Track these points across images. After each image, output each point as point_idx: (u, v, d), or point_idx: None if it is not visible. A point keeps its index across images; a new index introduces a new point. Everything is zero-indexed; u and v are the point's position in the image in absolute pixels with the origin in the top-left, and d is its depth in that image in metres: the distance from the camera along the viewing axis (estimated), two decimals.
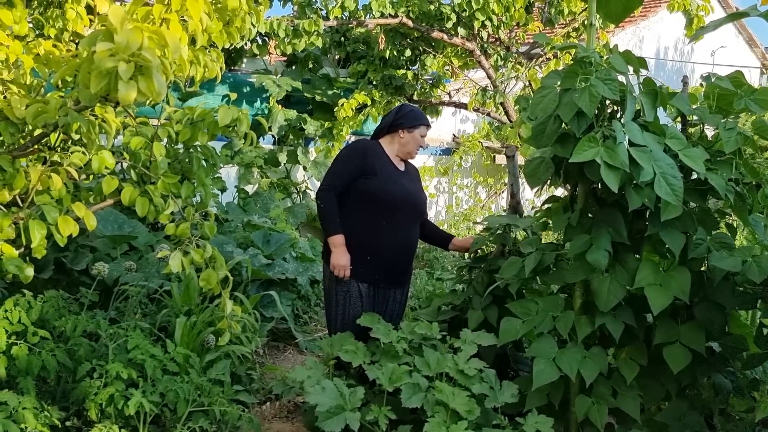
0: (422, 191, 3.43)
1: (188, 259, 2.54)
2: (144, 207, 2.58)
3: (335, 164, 3.24)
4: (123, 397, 2.36)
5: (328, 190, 3.16)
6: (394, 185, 3.19)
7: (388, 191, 3.16)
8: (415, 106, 3.30)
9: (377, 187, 3.15)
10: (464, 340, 2.86)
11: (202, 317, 3.04)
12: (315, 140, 6.91)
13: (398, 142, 3.25)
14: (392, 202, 3.17)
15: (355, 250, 3.16)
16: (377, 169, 3.17)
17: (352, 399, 2.54)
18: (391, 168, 3.23)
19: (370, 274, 3.21)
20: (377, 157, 3.20)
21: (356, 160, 3.17)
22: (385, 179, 3.17)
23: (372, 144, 3.28)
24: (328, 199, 3.15)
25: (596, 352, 2.69)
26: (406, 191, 3.24)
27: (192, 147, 2.79)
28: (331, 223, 3.14)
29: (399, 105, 3.37)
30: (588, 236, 2.59)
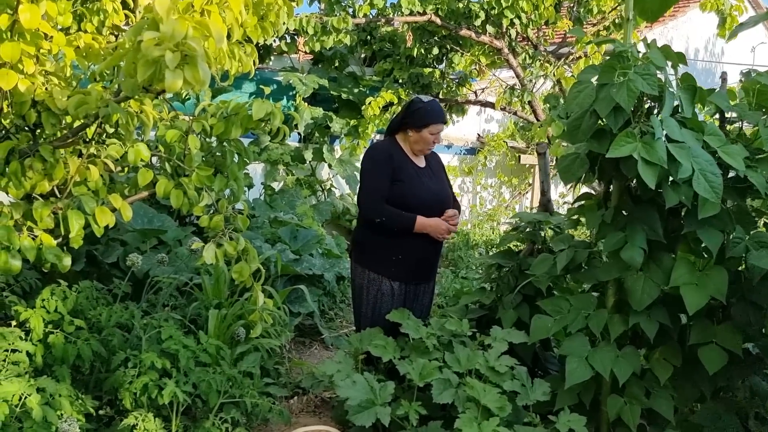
0: (446, 183, 3.37)
1: (221, 252, 2.56)
2: (178, 199, 2.61)
3: (369, 180, 3.14)
4: (156, 386, 2.38)
5: (377, 204, 3.09)
6: (418, 189, 3.15)
7: (413, 196, 3.13)
8: (427, 101, 3.15)
9: (402, 193, 3.11)
10: (494, 337, 2.84)
11: (233, 310, 3.06)
12: (340, 138, 6.92)
13: (409, 140, 3.20)
14: (418, 206, 3.14)
15: (384, 249, 3.16)
16: (401, 174, 3.13)
17: (383, 393, 2.54)
18: (412, 169, 3.18)
19: (400, 272, 3.20)
20: (397, 161, 3.15)
21: (384, 168, 3.11)
22: (409, 185, 3.13)
23: (389, 147, 3.21)
24: (385, 212, 3.09)
25: (629, 351, 2.65)
26: (430, 193, 3.20)
27: (225, 141, 2.81)
28: (402, 219, 3.10)
29: (409, 100, 3.27)
30: (623, 234, 2.55)
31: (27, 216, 2.35)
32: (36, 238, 2.31)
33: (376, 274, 3.20)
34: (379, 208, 3.09)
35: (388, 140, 3.27)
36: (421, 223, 3.10)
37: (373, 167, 3.15)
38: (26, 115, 2.20)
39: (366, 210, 3.15)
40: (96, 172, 2.43)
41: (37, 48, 2.05)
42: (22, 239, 2.24)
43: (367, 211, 3.14)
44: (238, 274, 2.61)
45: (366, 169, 3.19)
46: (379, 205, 3.09)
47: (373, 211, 3.11)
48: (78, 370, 2.80)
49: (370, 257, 3.20)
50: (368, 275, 3.21)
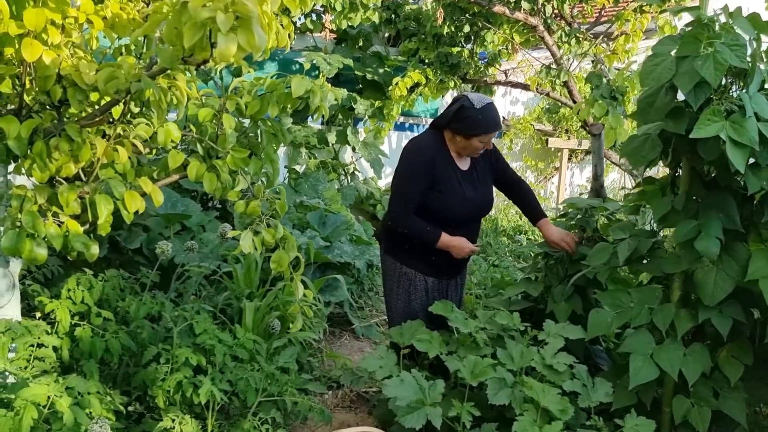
0: (488, 188, 3.07)
1: (259, 240, 2.38)
2: (212, 183, 2.43)
3: (401, 186, 2.88)
4: (191, 384, 2.22)
5: (404, 215, 2.86)
6: (457, 203, 2.89)
7: (449, 210, 2.88)
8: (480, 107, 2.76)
9: (440, 205, 2.87)
10: (548, 332, 2.65)
11: (266, 301, 2.88)
12: (364, 120, 6.71)
13: (455, 143, 2.89)
14: (452, 220, 2.91)
15: (417, 251, 2.96)
16: (441, 184, 2.86)
17: (432, 393, 2.36)
18: (454, 178, 2.89)
19: (434, 269, 3.01)
20: (441, 167, 2.86)
21: (422, 176, 2.83)
22: (448, 196, 2.86)
23: (433, 147, 2.89)
24: (408, 223, 2.86)
25: (698, 349, 2.45)
26: (469, 206, 2.94)
27: (261, 120, 2.62)
28: (428, 235, 2.87)
29: (460, 102, 2.82)
30: (695, 222, 2.34)
31: (52, 201, 2.18)
32: (62, 225, 2.14)
33: (408, 269, 3.01)
34: (404, 219, 2.86)
35: (434, 136, 2.95)
36: (445, 242, 2.87)
37: (410, 173, 2.86)
38: (51, 91, 2.02)
39: (391, 217, 2.91)
40: (124, 154, 2.25)
41: (63, 16, 1.86)
42: (48, 226, 2.07)
43: (392, 219, 2.91)
44: (277, 264, 2.43)
45: (402, 173, 2.90)
46: (406, 217, 2.86)
47: (397, 222, 2.89)
48: (105, 364, 2.64)
49: (403, 252, 3.00)
50: (400, 268, 3.02)
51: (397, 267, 3.04)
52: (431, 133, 2.97)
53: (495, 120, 2.82)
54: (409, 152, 2.90)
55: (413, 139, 3.00)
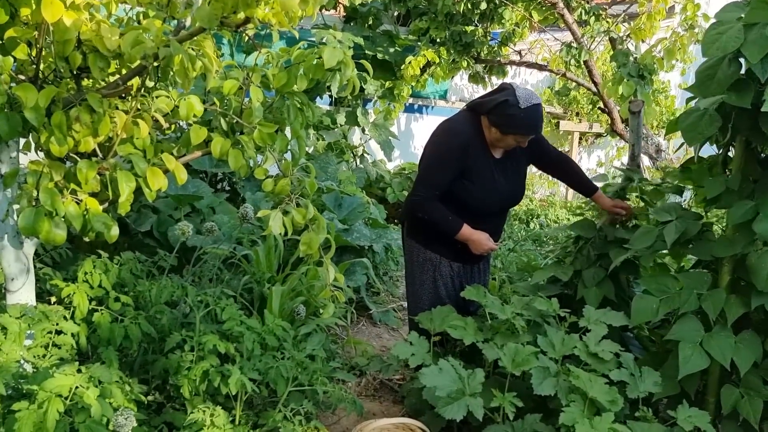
0: (521, 178, 2.91)
1: (289, 220, 2.24)
2: (237, 160, 2.28)
3: (431, 168, 2.73)
4: (219, 373, 2.09)
5: (428, 200, 2.71)
6: (487, 194, 2.74)
7: (480, 200, 2.75)
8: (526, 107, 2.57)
9: (468, 195, 2.73)
10: (589, 318, 2.53)
11: (290, 285, 2.75)
12: (374, 101, 6.54)
13: (491, 133, 2.70)
14: (479, 211, 2.78)
15: (445, 237, 2.81)
16: (473, 173, 2.70)
17: (472, 382, 2.24)
18: (487, 168, 2.73)
19: (461, 254, 2.88)
20: (475, 154, 2.70)
21: (453, 163, 2.68)
22: (479, 187, 2.72)
23: (469, 132, 2.71)
24: (431, 209, 2.72)
25: (749, 337, 2.33)
26: (499, 197, 2.80)
27: (287, 94, 2.47)
28: (449, 224, 2.73)
29: (506, 95, 2.61)
30: (752, 203, 2.21)
31: (69, 178, 2.03)
32: (80, 203, 1.99)
33: (434, 254, 2.87)
34: (426, 204, 2.71)
35: (470, 120, 2.75)
36: (465, 235, 2.73)
37: (441, 158, 2.70)
38: (70, 57, 1.86)
39: (413, 200, 2.76)
40: (145, 128, 2.11)
41: None
42: (67, 205, 1.93)
43: (413, 201, 2.76)
44: (307, 246, 2.29)
45: (433, 155, 2.74)
46: (430, 203, 2.71)
47: (418, 206, 2.74)
48: (122, 351, 2.51)
49: (428, 235, 2.87)
50: (424, 253, 2.88)
51: (421, 251, 2.90)
52: (467, 115, 2.79)
53: (537, 122, 2.65)
54: (443, 134, 2.75)
55: (448, 120, 2.82)
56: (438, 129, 2.79)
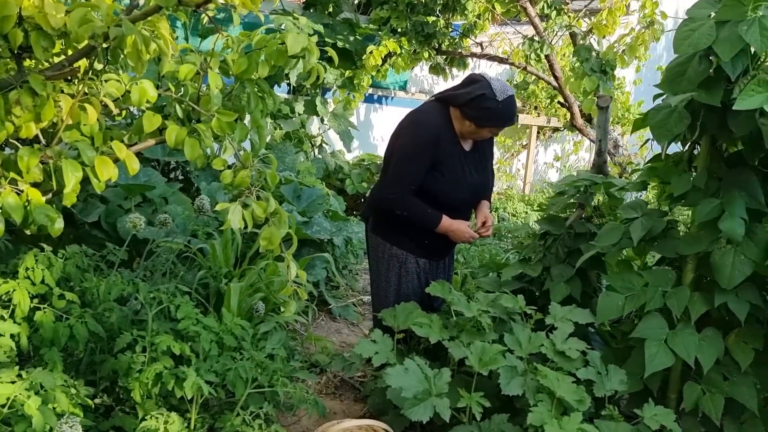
0: (488, 171, 2.88)
1: (249, 214, 2.13)
2: (194, 150, 2.16)
3: (403, 164, 2.62)
4: (173, 376, 1.97)
5: (405, 196, 2.63)
6: (458, 186, 2.69)
7: (449, 193, 2.69)
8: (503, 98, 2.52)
9: (439, 188, 2.66)
10: (555, 316, 2.50)
11: (248, 281, 2.63)
12: (333, 90, 6.41)
13: (463, 125, 2.64)
14: (450, 204, 2.73)
15: (409, 231, 2.75)
16: (444, 165, 2.64)
17: (438, 382, 2.18)
18: (458, 160, 2.68)
19: (428, 250, 2.83)
20: (444, 147, 2.63)
21: (426, 156, 2.60)
22: (450, 179, 2.66)
23: (439, 124, 2.63)
24: (408, 205, 2.64)
25: (712, 334, 2.35)
26: (470, 190, 2.75)
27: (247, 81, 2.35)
28: (426, 218, 2.67)
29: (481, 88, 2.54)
30: (718, 201, 2.21)
31: (8, 166, 1.88)
32: (21, 194, 1.84)
33: (400, 250, 2.80)
34: (405, 200, 2.64)
35: (439, 111, 2.68)
36: (446, 226, 2.68)
37: (414, 151, 2.62)
38: (10, 36, 1.70)
39: (389, 198, 2.67)
40: (93, 114, 1.96)
41: None
42: (5, 195, 1.77)
43: (390, 200, 2.67)
44: (267, 241, 2.18)
45: (404, 149, 2.64)
46: (406, 198, 2.63)
47: (395, 203, 2.65)
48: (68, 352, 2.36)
49: (394, 232, 2.79)
50: (390, 249, 2.81)
51: (387, 248, 2.83)
52: (435, 107, 2.71)
53: (513, 113, 2.62)
54: (413, 126, 2.67)
55: (416, 112, 2.74)
56: (407, 121, 2.71)
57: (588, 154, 8.43)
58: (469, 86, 2.59)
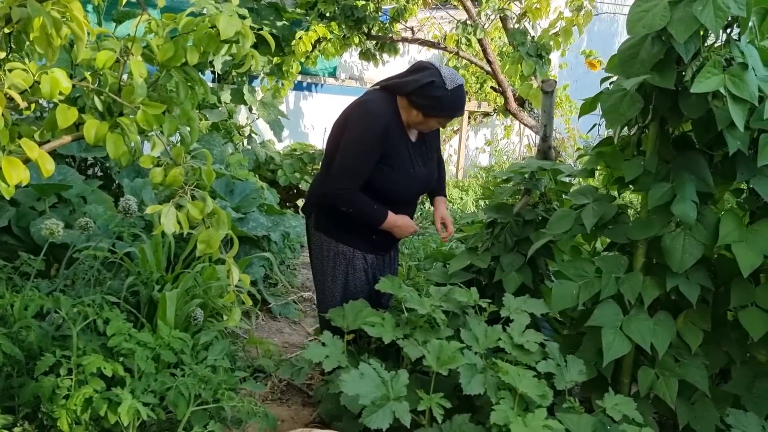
0: (434, 163, 2.78)
1: (184, 216, 1.94)
2: (118, 147, 1.94)
3: (352, 156, 2.47)
4: (105, 400, 1.76)
5: (352, 191, 2.49)
6: (404, 180, 2.58)
7: (398, 187, 2.58)
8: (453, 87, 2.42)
9: (386, 182, 2.54)
10: (509, 308, 2.44)
11: (183, 287, 2.43)
12: (261, 78, 6.16)
13: (410, 115, 2.52)
14: (396, 198, 2.62)
15: (356, 227, 2.63)
16: (392, 158, 2.52)
17: (396, 386, 2.07)
18: (405, 152, 2.56)
19: (375, 245, 2.71)
20: (392, 139, 2.50)
21: (376, 148, 2.47)
22: (397, 173, 2.54)
23: (387, 115, 2.49)
24: (355, 201, 2.51)
25: (663, 318, 2.35)
26: (416, 183, 2.65)
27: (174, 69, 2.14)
28: (372, 214, 2.56)
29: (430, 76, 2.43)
30: (669, 185, 2.20)
31: None
32: None
33: (346, 247, 2.67)
34: (351, 196, 2.50)
35: (385, 101, 2.52)
36: (391, 222, 2.58)
37: (362, 144, 2.47)
38: None
39: (334, 193, 2.51)
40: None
41: None
42: None
43: (335, 196, 2.52)
44: (205, 245, 2.00)
45: (352, 142, 2.48)
46: (353, 194, 2.50)
47: (341, 199, 2.51)
48: None
49: (339, 228, 2.66)
50: (337, 248, 2.68)
51: (332, 245, 2.69)
52: (382, 96, 2.56)
53: (463, 102, 2.53)
54: (361, 117, 2.51)
55: (363, 101, 2.58)
56: (354, 111, 2.56)
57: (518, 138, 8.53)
58: (416, 73, 2.47)
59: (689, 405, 2.43)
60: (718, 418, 2.38)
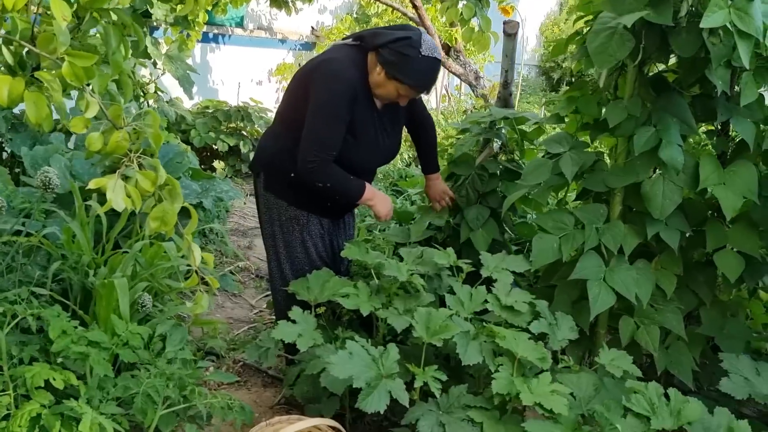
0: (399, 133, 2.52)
1: (134, 189, 1.62)
2: (40, 108, 1.61)
3: (321, 123, 2.21)
4: (57, 416, 1.46)
5: (326, 163, 2.22)
6: (372, 149, 2.36)
7: (365, 158, 2.36)
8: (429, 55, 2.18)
9: (353, 152, 2.30)
10: (489, 267, 2.30)
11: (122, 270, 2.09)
12: (164, 29, 5.58)
13: (374, 74, 2.25)
14: (365, 169, 2.42)
15: (315, 197, 2.38)
16: (358, 127, 2.28)
17: (386, 362, 1.89)
18: (371, 120, 2.32)
19: (333, 209, 2.48)
20: (360, 104, 2.25)
21: (345, 115, 2.21)
22: (364, 141, 2.31)
23: (356, 76, 2.23)
24: (330, 173, 2.24)
25: (642, 266, 2.30)
26: (382, 153, 2.44)
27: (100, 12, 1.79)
28: (350, 188, 2.32)
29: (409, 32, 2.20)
30: (653, 129, 2.11)
31: None
32: None
33: (301, 211, 2.42)
34: (326, 169, 2.23)
35: (356, 62, 2.25)
36: (368, 197, 2.36)
37: (332, 109, 2.20)
38: None
39: (307, 167, 2.22)
40: None
41: None
42: None
43: (309, 170, 2.22)
44: (159, 222, 1.70)
45: (320, 107, 2.20)
46: (328, 166, 2.23)
47: (315, 172, 2.22)
48: None
49: (292, 190, 2.39)
50: (289, 211, 2.42)
51: (285, 209, 2.43)
52: (348, 54, 2.27)
53: (432, 78, 2.26)
54: (329, 78, 2.20)
55: (330, 60, 2.26)
56: (319, 70, 2.24)
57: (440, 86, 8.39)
58: (397, 30, 2.21)
59: (665, 350, 2.42)
60: (693, 361, 2.39)
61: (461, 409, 1.88)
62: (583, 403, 1.87)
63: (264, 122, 5.92)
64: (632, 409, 1.74)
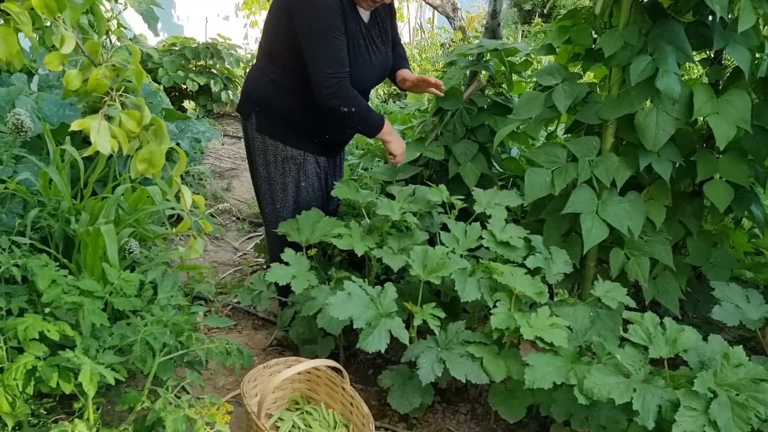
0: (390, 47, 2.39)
1: (120, 130, 1.53)
2: (9, 44, 1.51)
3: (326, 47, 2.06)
4: (54, 368, 1.42)
5: (343, 83, 2.09)
6: (363, 67, 2.23)
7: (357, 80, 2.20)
8: None
9: None
10: (481, 202, 2.27)
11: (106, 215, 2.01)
12: None
13: None
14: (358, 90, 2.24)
15: (309, 129, 2.30)
16: (348, 42, 2.13)
17: (384, 301, 1.87)
18: (359, 35, 2.19)
19: (327, 148, 2.41)
20: (349, 19, 2.12)
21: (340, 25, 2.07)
22: (355, 60, 2.17)
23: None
24: (351, 96, 2.12)
25: (634, 198, 2.30)
26: (374, 71, 2.31)
27: None
28: (373, 116, 2.21)
29: None
30: (650, 57, 2.06)
31: None
32: None
33: (297, 150, 2.33)
34: (348, 90, 2.10)
35: None
36: (389, 131, 2.27)
37: (329, 26, 2.05)
38: None
39: (328, 93, 2.08)
40: None
41: None
42: None
43: (330, 95, 2.08)
44: (147, 163, 1.61)
45: (319, 24, 2.06)
46: (348, 88, 2.10)
47: (339, 97, 2.09)
48: None
49: (286, 128, 2.30)
50: (285, 151, 2.33)
51: (280, 149, 2.33)
52: None
53: None
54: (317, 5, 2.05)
55: None
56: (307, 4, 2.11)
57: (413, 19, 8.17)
58: None
59: (652, 280, 2.45)
60: (680, 291, 2.44)
61: (460, 345, 1.89)
62: (579, 335, 1.89)
63: (234, 59, 5.70)
64: (630, 339, 1.76)
